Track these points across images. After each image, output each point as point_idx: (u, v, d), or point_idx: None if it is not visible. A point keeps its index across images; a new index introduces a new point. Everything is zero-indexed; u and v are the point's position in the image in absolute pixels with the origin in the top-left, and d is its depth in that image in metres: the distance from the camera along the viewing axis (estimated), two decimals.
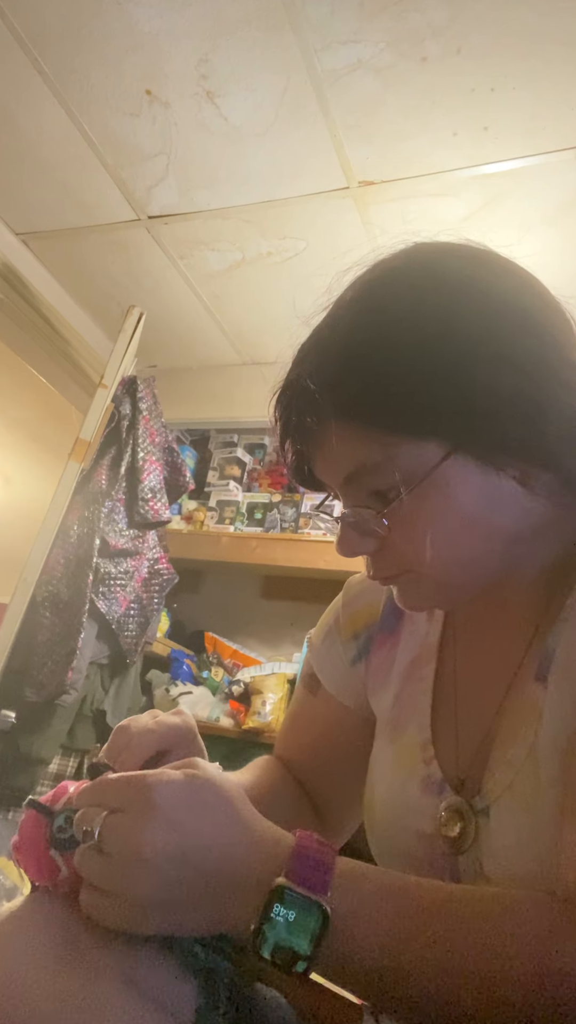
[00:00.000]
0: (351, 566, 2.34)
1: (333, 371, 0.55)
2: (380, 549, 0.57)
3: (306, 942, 0.41)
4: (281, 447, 0.62)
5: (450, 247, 0.59)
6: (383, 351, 0.53)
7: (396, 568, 0.58)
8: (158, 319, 2.49)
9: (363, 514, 0.56)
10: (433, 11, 1.41)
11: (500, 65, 1.49)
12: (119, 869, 0.43)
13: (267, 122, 1.73)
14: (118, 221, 2.15)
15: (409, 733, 0.64)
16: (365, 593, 0.77)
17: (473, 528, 0.54)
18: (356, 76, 1.56)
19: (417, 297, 0.55)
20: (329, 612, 0.81)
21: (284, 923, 0.42)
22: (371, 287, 0.58)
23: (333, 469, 0.58)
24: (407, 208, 1.90)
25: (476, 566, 0.56)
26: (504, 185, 1.78)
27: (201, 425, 2.89)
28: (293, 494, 2.58)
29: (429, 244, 0.60)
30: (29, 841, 0.52)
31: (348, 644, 0.76)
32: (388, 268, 0.59)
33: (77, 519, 1.89)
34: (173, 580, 2.12)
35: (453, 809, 0.57)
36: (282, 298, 2.37)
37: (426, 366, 0.52)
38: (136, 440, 2.00)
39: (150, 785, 0.44)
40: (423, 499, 0.53)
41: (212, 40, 1.55)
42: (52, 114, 1.82)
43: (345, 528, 0.58)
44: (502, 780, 0.54)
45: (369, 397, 0.53)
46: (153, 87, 1.69)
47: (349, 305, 0.58)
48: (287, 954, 0.41)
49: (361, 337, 0.55)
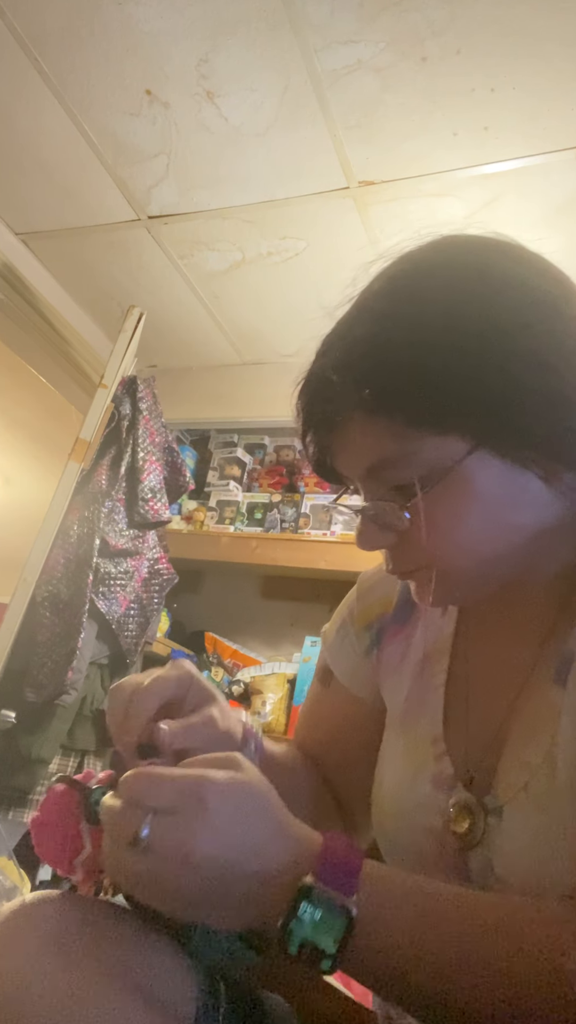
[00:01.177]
0: (351, 566, 2.35)
1: (358, 363, 0.54)
2: (399, 543, 0.57)
3: (331, 941, 0.42)
4: (303, 439, 0.62)
5: (479, 240, 0.58)
6: (409, 344, 0.53)
7: (415, 563, 0.57)
8: (158, 319, 2.49)
9: (384, 507, 0.55)
10: (433, 11, 1.41)
11: (500, 65, 1.49)
12: (165, 871, 0.43)
13: (267, 122, 1.73)
14: (118, 221, 2.15)
15: (420, 726, 0.64)
16: (379, 585, 0.77)
17: (494, 524, 0.54)
18: (356, 76, 1.56)
19: (444, 290, 0.55)
20: (343, 605, 0.81)
21: (310, 921, 0.42)
22: (398, 279, 0.58)
23: (355, 462, 0.57)
24: (407, 208, 1.90)
25: (496, 563, 0.56)
26: (504, 185, 1.78)
27: (201, 425, 2.89)
28: (293, 494, 2.58)
29: (457, 237, 0.59)
30: (57, 815, 0.51)
31: (361, 635, 0.76)
32: (415, 260, 0.58)
33: (77, 519, 1.89)
34: (173, 580, 2.12)
35: (462, 805, 0.56)
36: (282, 298, 2.37)
37: (452, 360, 0.52)
38: (136, 440, 2.00)
39: (202, 788, 0.44)
40: (445, 494, 0.53)
41: (212, 40, 1.55)
42: (52, 114, 1.82)
43: (365, 521, 0.57)
44: (517, 781, 0.54)
45: (393, 390, 0.53)
46: (153, 87, 1.69)
47: (375, 297, 0.58)
48: (312, 952, 0.42)
49: (387, 329, 0.54)
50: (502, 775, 0.55)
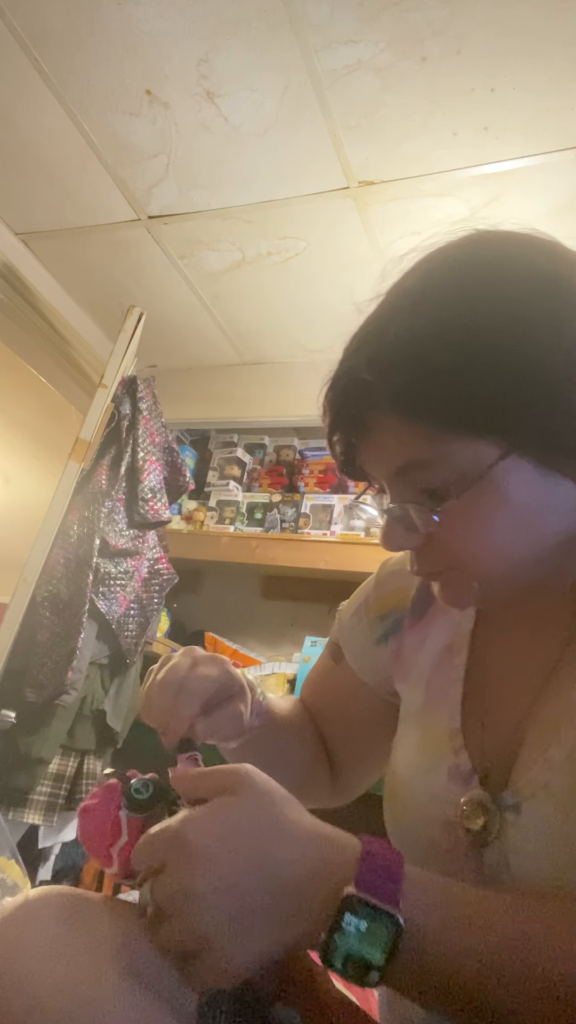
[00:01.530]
0: (351, 566, 2.34)
1: (389, 362, 0.53)
2: (425, 545, 0.56)
3: (379, 952, 0.40)
4: (330, 438, 0.61)
5: (514, 237, 0.57)
6: (442, 344, 0.52)
7: (441, 565, 0.57)
8: (158, 319, 2.49)
9: (412, 510, 0.55)
10: (433, 11, 1.41)
11: (500, 65, 1.49)
12: (187, 925, 0.42)
13: (267, 122, 1.73)
14: (118, 221, 2.15)
15: (438, 719, 0.64)
16: (396, 576, 0.77)
17: (524, 530, 0.53)
18: (356, 76, 1.56)
19: (480, 290, 0.53)
20: (360, 590, 0.82)
21: (356, 933, 0.40)
22: (432, 277, 0.56)
23: (383, 462, 0.56)
24: (407, 208, 1.90)
25: (523, 567, 0.55)
26: (504, 185, 1.78)
27: (201, 425, 2.89)
28: (293, 494, 2.58)
29: (493, 233, 0.58)
30: (101, 803, 0.55)
31: (375, 624, 0.77)
32: (450, 257, 0.57)
33: (77, 519, 1.89)
34: (173, 580, 2.12)
35: (476, 802, 0.56)
36: (282, 298, 2.37)
37: (487, 363, 0.50)
38: (136, 440, 2.00)
39: (177, 833, 0.44)
40: (475, 499, 0.52)
41: (212, 40, 1.55)
42: (52, 114, 1.82)
43: (391, 523, 0.56)
44: (538, 779, 0.53)
45: (426, 392, 0.52)
46: (153, 87, 1.69)
47: (408, 294, 0.56)
48: (359, 965, 0.40)
49: (420, 328, 0.53)
50: (521, 772, 0.55)
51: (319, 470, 2.61)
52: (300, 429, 2.76)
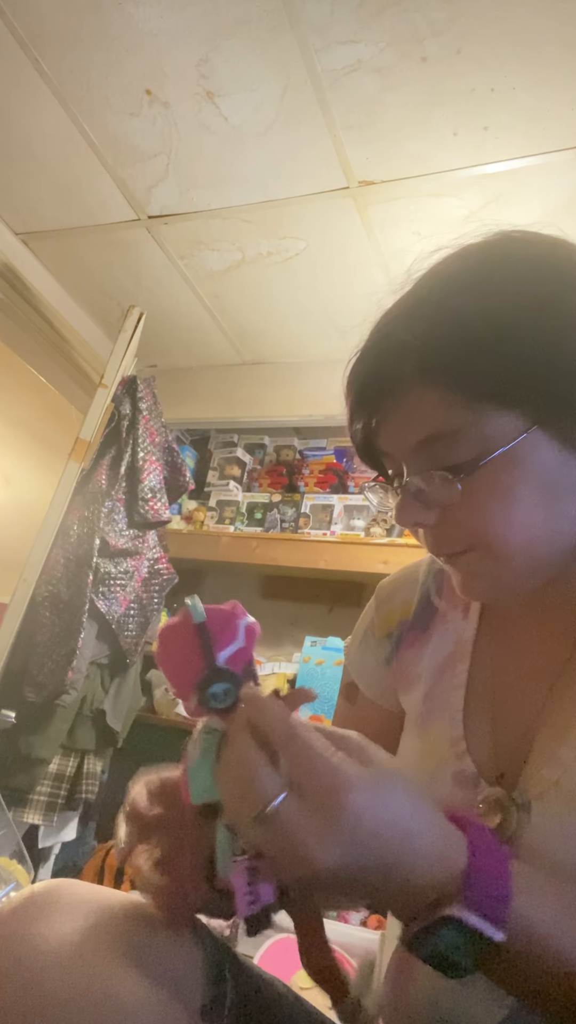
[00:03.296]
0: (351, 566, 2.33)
1: (424, 329, 0.53)
2: (441, 523, 0.56)
3: (470, 961, 0.41)
4: (351, 415, 0.60)
5: (543, 235, 0.58)
6: (480, 316, 0.52)
7: (459, 544, 0.56)
8: (158, 319, 2.49)
9: (432, 482, 0.54)
10: (433, 11, 1.41)
11: (500, 65, 1.49)
12: (287, 856, 0.40)
13: (267, 122, 1.73)
14: (118, 221, 2.15)
15: (438, 727, 0.64)
16: (398, 592, 0.76)
17: (543, 508, 0.53)
18: (356, 76, 1.56)
19: (521, 265, 0.55)
20: (363, 617, 0.79)
21: (449, 944, 0.41)
22: (473, 256, 0.57)
23: (407, 433, 0.56)
24: (407, 208, 1.90)
25: (542, 549, 0.54)
26: (504, 185, 1.78)
27: (201, 425, 2.89)
28: (293, 494, 2.58)
29: (526, 231, 0.59)
30: (184, 628, 0.48)
31: (382, 643, 0.75)
32: (488, 246, 0.58)
33: (77, 519, 1.89)
34: (173, 580, 2.12)
35: (493, 800, 0.55)
36: (282, 298, 2.37)
37: (520, 335, 0.51)
38: (136, 440, 2.00)
39: (340, 787, 0.41)
40: (497, 472, 0.52)
41: (212, 40, 1.55)
42: (52, 114, 1.82)
43: (407, 497, 0.56)
44: (548, 776, 0.53)
45: (457, 359, 0.52)
46: (153, 87, 1.69)
47: (447, 276, 0.57)
48: (444, 963, 0.41)
49: (459, 302, 0.54)
50: (531, 771, 0.55)
51: (319, 470, 2.61)
52: (300, 429, 2.76)
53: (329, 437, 2.70)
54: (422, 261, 0.59)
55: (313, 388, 2.57)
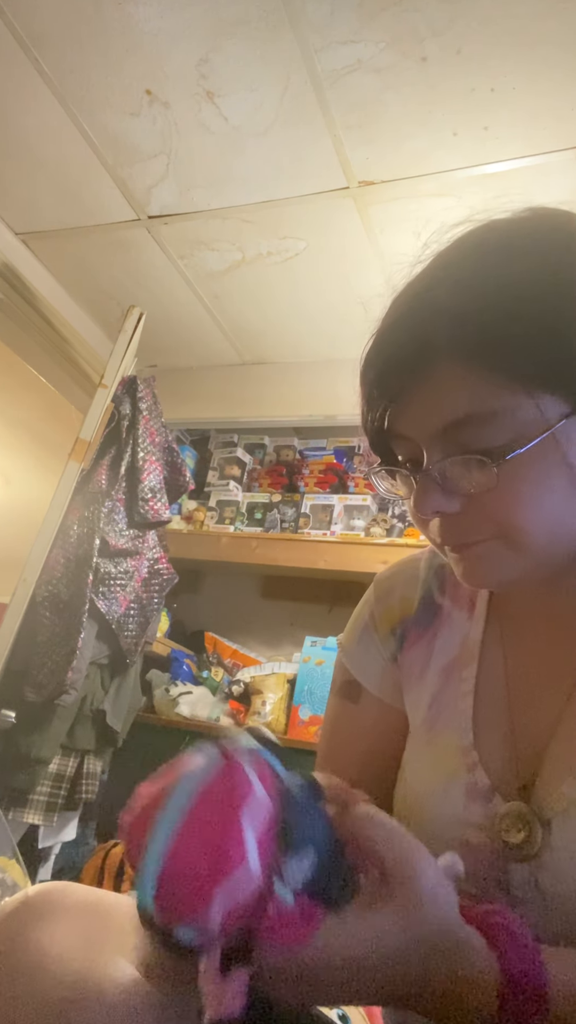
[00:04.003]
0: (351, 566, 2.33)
1: (459, 302, 0.49)
2: (463, 511, 0.52)
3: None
4: (368, 398, 0.55)
5: (572, 213, 0.55)
6: (516, 292, 0.48)
7: (482, 533, 0.52)
8: (158, 319, 2.49)
9: (460, 468, 0.50)
10: (433, 11, 1.41)
11: (500, 65, 1.49)
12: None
13: (267, 122, 1.73)
14: (118, 221, 2.15)
15: (448, 736, 0.61)
16: (398, 587, 0.71)
17: (573, 498, 0.50)
18: (356, 76, 1.56)
19: (560, 250, 0.50)
20: (360, 611, 0.74)
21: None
22: (504, 231, 0.53)
23: (434, 415, 0.51)
24: (407, 208, 1.90)
25: (564, 540, 0.51)
26: (504, 185, 1.78)
27: (201, 425, 2.89)
28: (293, 494, 2.58)
29: (545, 207, 0.55)
30: (221, 802, 0.34)
31: (387, 640, 0.70)
32: (518, 218, 0.54)
33: (77, 519, 1.89)
34: (173, 580, 2.12)
35: (515, 815, 0.53)
36: (282, 298, 2.37)
37: (568, 313, 0.48)
38: (136, 440, 2.00)
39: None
40: (533, 458, 0.48)
41: (212, 40, 1.55)
42: (52, 114, 1.82)
43: (429, 482, 0.51)
44: (569, 793, 0.51)
45: (501, 335, 0.48)
46: (153, 87, 1.69)
47: (479, 243, 0.53)
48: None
49: (499, 269, 0.50)
50: (551, 785, 0.52)
51: (319, 470, 2.61)
52: (300, 429, 2.76)
53: (329, 437, 2.69)
54: (441, 234, 0.54)
55: (313, 388, 2.57)
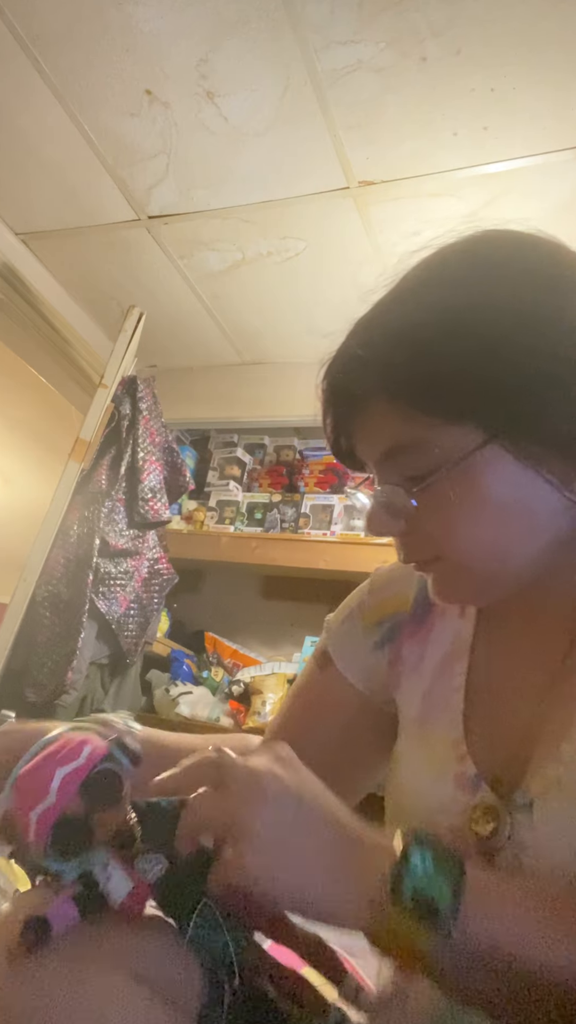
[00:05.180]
0: (351, 566, 2.33)
1: (383, 345, 0.55)
2: (410, 532, 0.57)
3: (448, 891, 0.41)
4: (324, 419, 0.62)
5: (519, 236, 0.59)
6: (435, 329, 0.53)
7: (426, 553, 0.58)
8: (158, 319, 2.49)
9: (394, 493, 0.56)
10: (433, 11, 1.41)
11: (500, 65, 1.49)
12: (239, 800, 0.44)
13: (267, 122, 1.73)
14: (118, 221, 2.15)
15: (440, 729, 0.63)
16: (394, 583, 0.76)
17: (505, 519, 0.54)
18: (356, 76, 1.56)
19: (477, 283, 0.55)
20: (352, 597, 0.80)
21: (423, 869, 0.41)
22: (433, 268, 0.59)
23: (372, 445, 0.58)
24: (407, 208, 1.90)
25: (508, 559, 0.55)
26: (504, 185, 1.78)
27: (201, 425, 2.89)
28: (293, 494, 2.58)
29: (498, 231, 0.60)
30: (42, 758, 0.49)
31: (370, 629, 0.75)
32: (455, 251, 0.59)
33: (77, 519, 1.89)
34: (173, 580, 2.12)
35: (486, 806, 0.55)
36: (282, 298, 2.37)
37: (472, 350, 0.52)
38: (136, 440, 2.01)
39: (254, 768, 0.46)
40: (455, 484, 0.53)
41: (212, 40, 1.55)
42: (52, 114, 1.82)
43: (376, 506, 0.57)
44: (550, 774, 0.53)
45: (414, 373, 0.53)
46: (153, 87, 1.69)
47: (409, 283, 0.59)
48: (427, 903, 0.41)
49: (416, 313, 0.55)
50: (533, 771, 0.54)
51: (319, 470, 2.61)
52: (300, 429, 2.76)
53: None
54: (397, 265, 0.60)
55: (313, 388, 2.55)
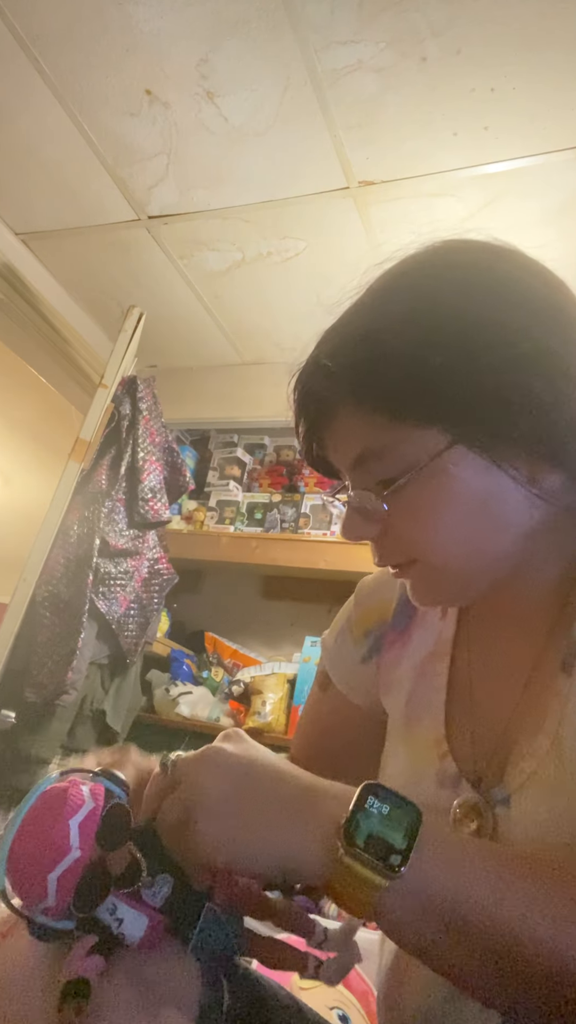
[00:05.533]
0: (351, 566, 2.33)
1: (349, 352, 0.56)
2: (384, 535, 0.58)
3: (400, 835, 0.42)
4: (296, 428, 0.63)
5: (477, 244, 0.60)
6: (397, 335, 0.54)
7: (400, 556, 0.58)
8: (158, 319, 2.49)
9: (367, 498, 0.56)
10: (433, 11, 1.41)
11: (500, 65, 1.49)
12: (188, 786, 0.46)
13: (267, 122, 1.73)
14: (118, 221, 2.15)
15: (422, 730, 0.64)
16: (377, 591, 0.77)
17: (475, 520, 0.54)
18: (356, 76, 1.56)
19: (439, 289, 0.56)
20: (342, 612, 0.81)
21: (378, 815, 0.42)
22: (396, 277, 0.60)
23: (343, 451, 0.59)
24: (407, 208, 1.90)
25: (481, 559, 0.56)
26: (504, 185, 1.78)
27: (201, 425, 2.89)
28: (293, 494, 2.58)
29: (456, 240, 0.61)
30: (48, 807, 0.46)
31: (359, 642, 0.76)
32: (415, 260, 0.60)
33: (77, 519, 1.89)
34: (173, 580, 2.12)
35: (469, 805, 0.56)
36: (282, 298, 2.37)
37: (434, 354, 0.53)
38: (136, 440, 2.00)
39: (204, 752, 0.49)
40: (424, 486, 0.54)
41: (212, 40, 1.55)
42: (52, 114, 1.82)
43: (350, 511, 0.58)
44: (525, 769, 0.54)
45: (378, 381, 0.54)
46: (153, 87, 1.69)
47: (373, 293, 0.60)
48: (381, 845, 0.41)
49: (379, 321, 0.56)
50: (511, 766, 0.55)
51: None
52: None
53: None
54: (363, 275, 0.61)
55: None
